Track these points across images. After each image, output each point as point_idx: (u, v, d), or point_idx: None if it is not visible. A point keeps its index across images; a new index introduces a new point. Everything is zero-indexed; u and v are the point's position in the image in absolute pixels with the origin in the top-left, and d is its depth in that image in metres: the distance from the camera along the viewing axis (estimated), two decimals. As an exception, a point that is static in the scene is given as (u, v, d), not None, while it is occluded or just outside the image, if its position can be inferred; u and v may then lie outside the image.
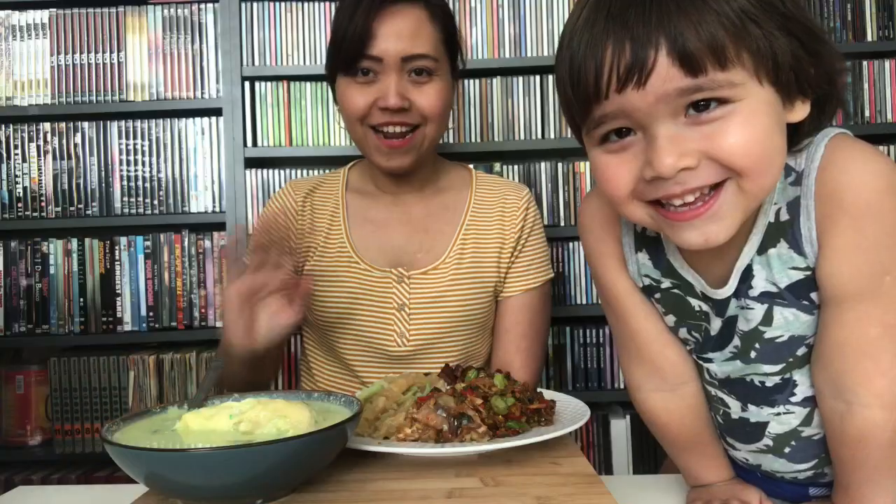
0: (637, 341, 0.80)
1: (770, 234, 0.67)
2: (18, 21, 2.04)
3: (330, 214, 1.26)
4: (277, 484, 0.71)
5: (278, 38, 2.05)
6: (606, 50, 0.58)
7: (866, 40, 2.03)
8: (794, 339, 0.71)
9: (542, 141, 2.04)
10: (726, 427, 0.84)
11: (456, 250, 1.23)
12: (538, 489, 0.75)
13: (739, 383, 0.78)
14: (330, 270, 1.22)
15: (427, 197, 1.28)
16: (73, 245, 2.03)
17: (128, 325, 2.03)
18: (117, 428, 0.77)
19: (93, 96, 2.03)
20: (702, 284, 0.72)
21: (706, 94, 0.57)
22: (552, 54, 2.02)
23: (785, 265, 0.68)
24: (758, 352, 0.73)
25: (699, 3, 0.56)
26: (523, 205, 1.27)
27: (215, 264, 2.05)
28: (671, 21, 0.56)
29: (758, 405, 0.78)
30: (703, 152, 0.59)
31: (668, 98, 0.58)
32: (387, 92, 1.13)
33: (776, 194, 0.67)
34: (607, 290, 0.80)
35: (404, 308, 1.19)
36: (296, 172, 2.05)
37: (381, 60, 1.13)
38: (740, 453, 0.85)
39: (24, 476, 2.00)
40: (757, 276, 0.69)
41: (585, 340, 2.03)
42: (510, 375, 0.96)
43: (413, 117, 1.16)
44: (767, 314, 0.70)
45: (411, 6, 1.14)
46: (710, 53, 0.56)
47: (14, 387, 2.02)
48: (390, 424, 0.86)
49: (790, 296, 0.69)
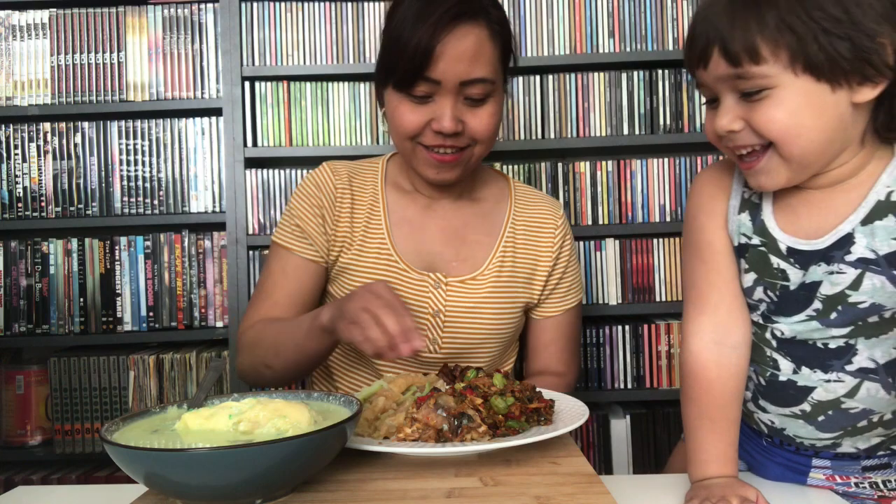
0: (719, 294, 0.88)
1: (879, 209, 0.79)
2: (18, 21, 2.04)
3: (369, 207, 1.23)
4: (277, 484, 0.71)
5: (278, 38, 2.05)
6: (694, 39, 0.80)
7: None
8: (875, 306, 0.80)
9: (542, 141, 2.04)
10: (766, 390, 0.90)
11: (496, 263, 1.22)
12: (538, 489, 0.75)
13: (801, 345, 0.86)
14: (368, 266, 1.20)
15: (462, 205, 1.26)
16: (73, 245, 2.03)
17: (128, 325, 2.03)
18: (117, 428, 0.77)
19: (93, 96, 2.03)
20: (789, 241, 0.84)
21: (747, 81, 0.76)
22: (552, 54, 2.03)
23: (889, 235, 0.79)
24: (839, 313, 0.82)
25: (748, 14, 0.74)
26: (561, 225, 1.28)
27: (215, 264, 2.05)
28: (724, 26, 0.76)
29: (812, 368, 0.86)
30: (745, 120, 0.78)
31: (721, 79, 0.78)
32: (442, 115, 1.10)
33: (891, 180, 0.79)
34: (705, 244, 0.90)
35: (439, 315, 1.19)
36: (296, 172, 2.05)
37: (439, 83, 1.09)
38: (767, 415, 0.91)
39: (24, 476, 2.00)
40: (858, 242, 0.79)
41: (586, 340, 2.03)
42: (508, 375, 0.96)
43: (464, 140, 1.14)
44: (858, 279, 0.80)
45: (474, 25, 1.09)
46: (745, 52, 0.75)
47: (14, 387, 2.02)
48: (390, 424, 0.86)
49: (885, 263, 0.79)
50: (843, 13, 0.72)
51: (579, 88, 2.05)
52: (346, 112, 2.06)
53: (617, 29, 2.02)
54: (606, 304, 2.04)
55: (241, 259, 2.00)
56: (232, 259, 2.01)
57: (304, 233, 1.21)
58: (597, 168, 2.05)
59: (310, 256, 1.21)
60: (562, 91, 2.05)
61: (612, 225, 2.05)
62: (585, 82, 2.05)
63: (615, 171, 2.05)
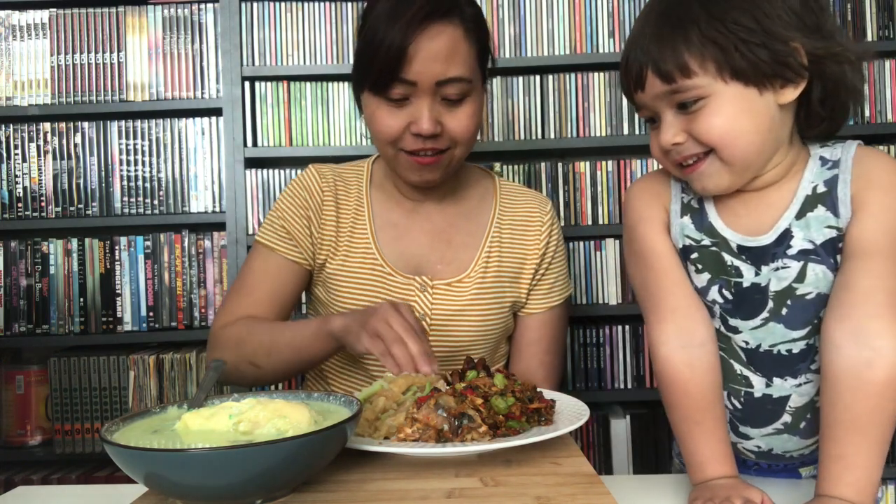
0: (674, 297, 0.89)
1: (808, 202, 0.85)
2: (18, 21, 2.04)
3: (354, 211, 1.23)
4: (277, 484, 0.71)
5: (278, 38, 2.05)
6: (628, 66, 0.86)
7: (866, 40, 2.02)
8: (821, 296, 0.84)
9: (542, 141, 2.04)
10: (744, 412, 0.91)
11: (480, 265, 1.22)
12: (538, 489, 0.75)
13: (766, 356, 0.88)
14: (355, 271, 1.20)
15: (446, 206, 1.26)
16: (73, 245, 2.03)
17: (128, 325, 2.03)
18: (117, 428, 0.77)
19: (93, 96, 2.03)
20: (738, 239, 0.88)
21: (683, 94, 0.81)
22: (552, 54, 2.03)
23: (821, 224, 0.84)
24: (789, 308, 0.86)
25: (674, 34, 0.80)
26: (547, 221, 1.26)
27: (215, 264, 2.05)
28: (654, 49, 0.82)
29: (782, 377, 0.88)
30: (687, 132, 0.83)
31: (659, 97, 0.83)
32: (420, 117, 1.09)
33: (813, 175, 0.85)
34: (649, 250, 0.92)
35: (425, 318, 1.18)
36: (295, 172, 2.05)
37: (414, 84, 1.08)
38: (752, 441, 0.93)
39: (24, 476, 2.00)
40: (796, 236, 0.84)
41: (585, 340, 2.03)
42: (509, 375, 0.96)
43: (443, 142, 1.12)
44: (802, 271, 0.84)
45: (448, 24, 1.08)
46: (676, 69, 0.81)
47: (14, 387, 2.03)
48: (390, 424, 0.86)
49: (823, 252, 0.83)
50: (756, 24, 0.79)
51: (579, 88, 2.05)
52: (346, 112, 2.06)
53: (617, 29, 2.02)
54: (606, 304, 2.04)
55: (241, 259, 2.00)
56: (232, 259, 2.01)
57: (288, 234, 1.21)
58: (597, 168, 2.05)
59: (293, 258, 1.21)
60: (562, 91, 2.05)
61: (612, 225, 2.05)
62: (585, 82, 2.05)
63: (615, 171, 2.05)
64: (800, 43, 0.80)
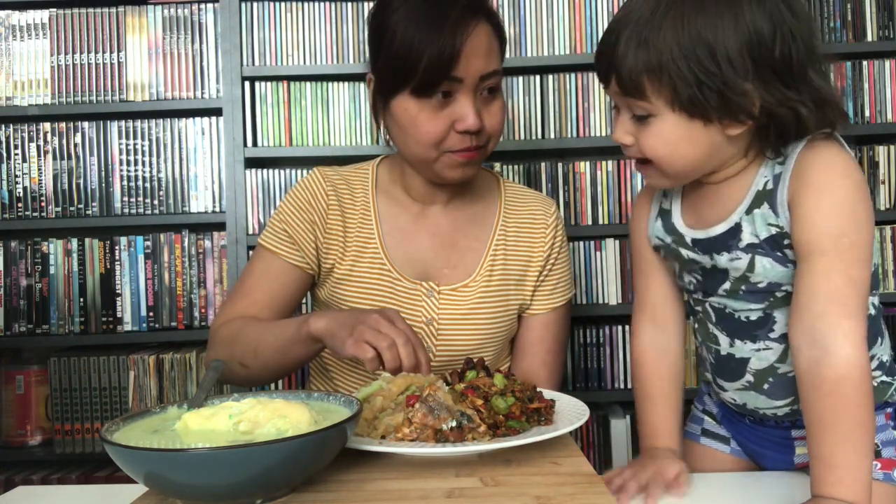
0: (654, 294, 1.03)
1: (757, 199, 0.89)
2: (18, 21, 2.04)
3: (361, 216, 1.22)
4: (277, 484, 0.71)
5: (278, 38, 2.05)
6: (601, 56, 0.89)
7: (866, 40, 2.03)
8: (772, 284, 0.90)
9: (542, 141, 2.04)
10: (716, 366, 1.00)
11: (486, 268, 1.21)
12: (538, 489, 0.75)
13: (731, 319, 0.95)
14: (363, 276, 1.19)
15: (453, 210, 1.25)
16: (73, 245, 2.03)
17: (128, 325, 2.03)
18: (117, 428, 0.77)
19: (93, 96, 2.03)
20: (691, 234, 0.95)
21: (636, 106, 0.87)
22: (552, 54, 2.03)
23: (765, 221, 0.88)
24: (744, 292, 0.92)
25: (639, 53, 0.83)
26: (552, 223, 1.26)
27: (215, 264, 2.05)
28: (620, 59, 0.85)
29: (742, 340, 0.95)
30: (635, 137, 0.89)
31: (618, 97, 0.89)
32: (465, 114, 1.09)
33: (767, 170, 0.89)
34: (636, 252, 1.05)
35: (432, 323, 1.18)
36: (296, 172, 2.05)
37: (461, 81, 1.08)
38: (728, 394, 1.00)
39: (24, 476, 2.00)
40: (745, 230, 0.89)
41: (585, 340, 2.03)
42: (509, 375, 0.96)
43: (483, 137, 1.13)
44: (751, 262, 0.89)
45: (484, 21, 1.10)
46: (632, 86, 0.85)
47: (14, 387, 2.03)
48: (388, 423, 0.86)
49: (767, 247, 0.88)
50: (717, 68, 0.81)
51: (579, 88, 2.05)
52: (346, 112, 2.06)
53: (617, 29, 2.02)
54: (606, 304, 2.04)
55: (241, 259, 2.00)
56: (232, 259, 2.01)
57: (291, 238, 1.20)
58: (597, 168, 2.05)
59: (295, 262, 1.20)
60: (562, 91, 2.05)
61: (612, 225, 2.05)
62: (585, 82, 2.05)
63: (615, 171, 2.05)
64: (756, 93, 0.82)
